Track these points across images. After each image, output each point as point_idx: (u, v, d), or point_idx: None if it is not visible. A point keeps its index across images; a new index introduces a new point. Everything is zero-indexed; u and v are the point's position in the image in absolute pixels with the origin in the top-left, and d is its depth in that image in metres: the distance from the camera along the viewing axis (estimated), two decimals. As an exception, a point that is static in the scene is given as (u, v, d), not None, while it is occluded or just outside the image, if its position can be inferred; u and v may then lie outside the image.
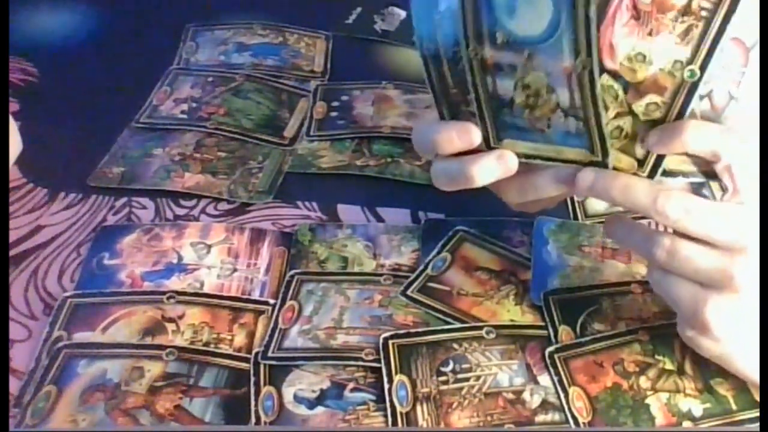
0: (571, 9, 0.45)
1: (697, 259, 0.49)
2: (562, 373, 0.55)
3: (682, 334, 0.52)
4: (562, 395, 0.54)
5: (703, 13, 0.45)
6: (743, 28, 0.46)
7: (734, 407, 0.53)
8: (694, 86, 0.47)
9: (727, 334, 0.50)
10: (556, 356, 0.56)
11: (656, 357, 0.56)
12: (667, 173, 0.50)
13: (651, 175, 0.50)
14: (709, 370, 0.55)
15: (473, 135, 0.52)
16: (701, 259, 0.49)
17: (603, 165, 0.50)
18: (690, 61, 0.46)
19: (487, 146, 0.52)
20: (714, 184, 0.50)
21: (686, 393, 0.54)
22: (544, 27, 0.47)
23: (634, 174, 0.50)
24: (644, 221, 0.56)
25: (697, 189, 0.50)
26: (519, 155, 0.52)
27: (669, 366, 0.55)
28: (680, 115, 0.48)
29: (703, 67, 0.46)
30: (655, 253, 0.50)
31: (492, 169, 0.52)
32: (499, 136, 0.52)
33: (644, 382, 0.55)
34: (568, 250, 0.64)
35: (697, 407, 0.54)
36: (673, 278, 0.51)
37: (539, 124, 0.50)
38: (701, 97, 0.48)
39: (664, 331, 0.57)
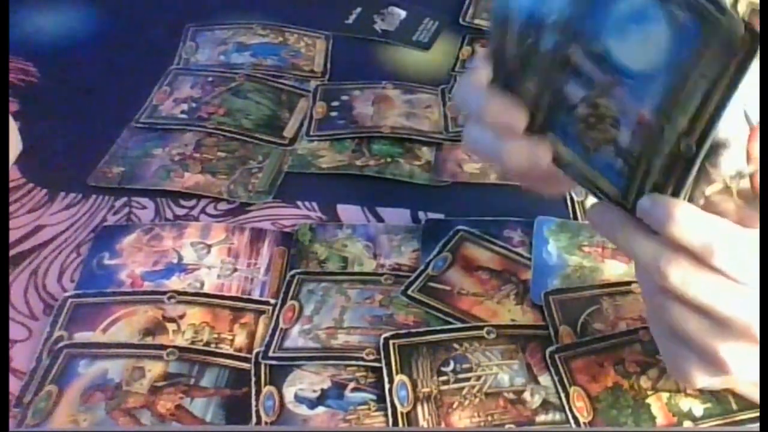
0: (681, 61, 0.41)
1: (686, 324, 0.46)
2: (562, 373, 0.55)
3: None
4: (562, 395, 0.54)
5: (702, 82, 0.40)
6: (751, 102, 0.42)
7: (735, 407, 0.53)
8: (691, 161, 0.42)
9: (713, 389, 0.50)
10: (556, 356, 0.56)
11: (657, 357, 0.56)
12: None
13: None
14: None
15: (519, 122, 0.48)
16: (691, 324, 0.46)
17: (629, 211, 0.46)
18: (686, 133, 0.41)
19: (529, 128, 0.48)
20: None
21: (687, 393, 0.54)
22: (645, 64, 0.42)
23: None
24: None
25: None
26: (556, 157, 0.48)
27: None
28: (677, 189, 0.43)
29: (700, 143, 0.41)
30: (651, 302, 0.48)
31: (523, 157, 0.49)
32: (546, 127, 0.48)
33: (645, 382, 0.55)
34: (568, 250, 0.64)
35: (697, 407, 0.54)
36: (665, 335, 0.48)
37: (588, 143, 0.46)
38: (742, 176, 0.43)
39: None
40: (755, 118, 0.42)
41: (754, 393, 0.52)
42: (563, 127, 0.47)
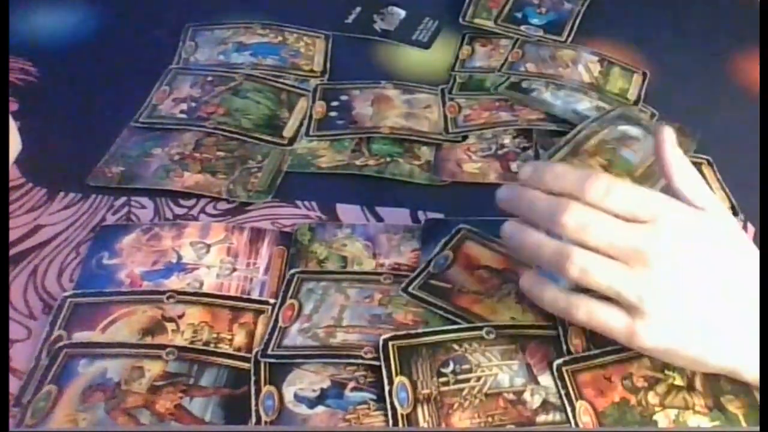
0: None
1: (605, 278, 0.50)
2: (569, 386, 0.55)
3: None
4: (569, 409, 0.54)
5: None
6: None
7: (744, 425, 0.53)
8: None
9: (674, 346, 0.51)
10: (563, 369, 0.56)
11: (666, 372, 0.55)
12: None
13: None
14: (719, 387, 0.55)
15: None
16: (609, 277, 0.50)
17: None
18: None
19: None
20: None
21: (695, 410, 0.54)
22: None
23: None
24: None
25: None
26: None
27: (678, 382, 0.55)
28: None
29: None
30: (568, 269, 0.51)
31: None
32: None
33: (653, 397, 0.54)
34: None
35: (706, 425, 0.53)
36: (599, 312, 0.52)
37: None
38: None
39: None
40: None
41: (733, 365, 0.53)
42: None
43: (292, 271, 0.62)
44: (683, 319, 0.51)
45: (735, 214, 0.68)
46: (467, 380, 0.55)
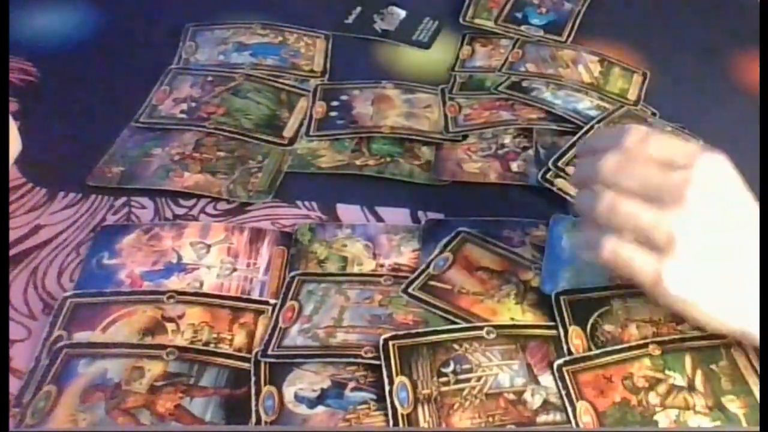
0: None
1: (637, 215, 0.51)
2: (570, 386, 0.54)
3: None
4: (569, 409, 0.53)
5: None
6: None
7: (744, 425, 0.53)
8: None
9: (696, 298, 0.51)
10: (564, 369, 0.56)
11: (666, 372, 0.55)
12: None
13: None
14: (720, 387, 0.55)
15: None
16: (641, 214, 0.50)
17: None
18: None
19: None
20: None
21: (696, 410, 0.54)
22: None
23: None
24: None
25: None
26: None
27: (679, 382, 0.55)
28: None
29: None
30: (597, 208, 0.52)
31: None
32: None
33: (653, 398, 0.54)
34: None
35: (706, 425, 0.53)
36: (626, 249, 0.51)
37: None
38: None
39: (676, 346, 0.57)
40: None
41: (714, 317, 0.53)
42: None
43: (293, 273, 0.62)
44: (709, 269, 0.50)
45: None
46: (468, 380, 0.55)
